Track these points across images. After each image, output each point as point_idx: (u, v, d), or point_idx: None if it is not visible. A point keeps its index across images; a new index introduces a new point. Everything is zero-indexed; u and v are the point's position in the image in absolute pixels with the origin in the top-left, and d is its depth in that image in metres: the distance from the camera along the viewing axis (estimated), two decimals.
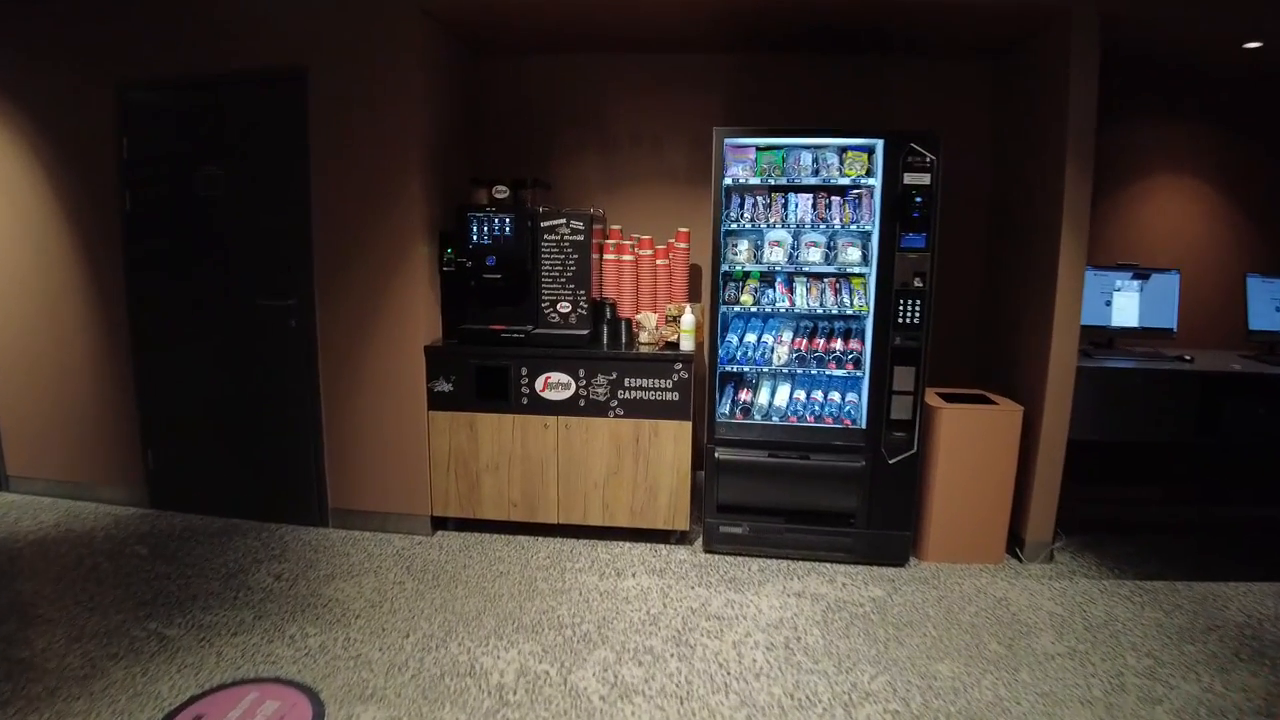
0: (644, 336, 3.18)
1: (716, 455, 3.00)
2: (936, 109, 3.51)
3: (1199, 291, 3.67)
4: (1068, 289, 2.98)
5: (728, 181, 2.96)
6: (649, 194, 3.60)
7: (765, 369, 3.08)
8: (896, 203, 2.86)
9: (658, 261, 3.31)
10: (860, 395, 3.12)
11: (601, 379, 3.01)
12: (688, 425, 3.03)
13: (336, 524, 3.33)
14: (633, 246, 3.29)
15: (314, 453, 3.27)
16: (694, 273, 3.53)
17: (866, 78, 3.50)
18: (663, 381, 3.00)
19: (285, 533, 3.30)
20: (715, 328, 2.98)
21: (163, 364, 3.43)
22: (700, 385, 3.11)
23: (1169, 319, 3.48)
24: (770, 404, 3.15)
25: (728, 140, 2.90)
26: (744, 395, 3.16)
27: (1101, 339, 3.43)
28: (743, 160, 3.01)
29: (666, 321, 3.17)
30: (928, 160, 2.83)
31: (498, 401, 3.07)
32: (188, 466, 3.48)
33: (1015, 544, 3.19)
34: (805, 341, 3.11)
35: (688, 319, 3.03)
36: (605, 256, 3.28)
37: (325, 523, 3.34)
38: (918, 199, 2.84)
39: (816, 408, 3.11)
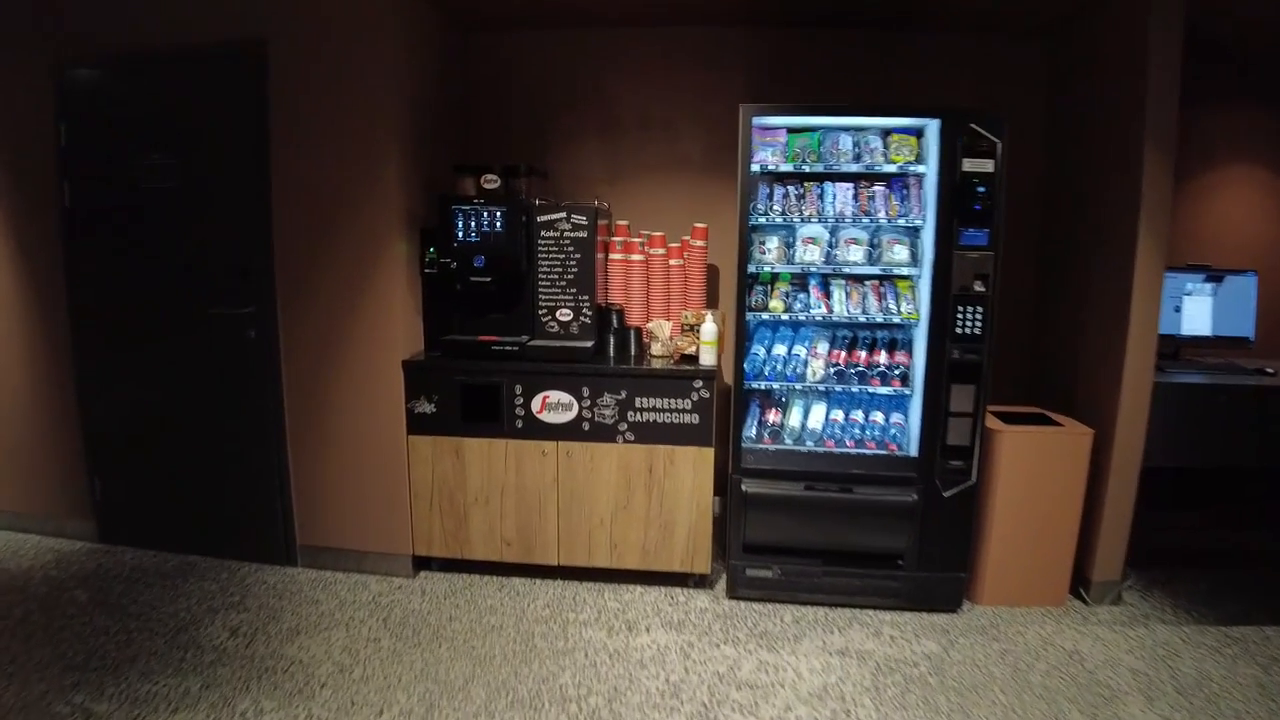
0: (656, 348, 2.76)
1: (744, 488, 2.59)
2: (981, 92, 3.08)
3: None
4: (1144, 294, 2.56)
5: (755, 168, 2.54)
6: (659, 185, 3.18)
7: (797, 386, 2.67)
8: (954, 193, 2.44)
9: (671, 262, 2.89)
10: (907, 416, 2.71)
11: (608, 398, 2.60)
12: (709, 452, 2.61)
13: (306, 563, 2.92)
14: (642, 245, 2.87)
15: (279, 482, 2.85)
16: (711, 274, 3.11)
17: (904, 57, 3.08)
18: (680, 401, 2.59)
19: (247, 574, 2.88)
20: (741, 338, 2.56)
21: (109, 381, 3.01)
22: (723, 405, 2.70)
23: (1245, 327, 3.08)
24: (803, 426, 2.74)
25: (756, 119, 2.48)
26: (772, 416, 2.74)
27: (1167, 349, 3.02)
28: (772, 144, 2.59)
29: (682, 331, 2.76)
30: (991, 143, 2.41)
31: (488, 425, 2.66)
32: (139, 496, 3.06)
33: (1079, 583, 2.78)
34: (844, 354, 2.69)
35: (709, 328, 2.61)
36: (611, 256, 2.87)
37: (293, 561, 2.92)
38: (980, 189, 2.42)
39: (857, 431, 2.70)
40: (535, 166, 2.74)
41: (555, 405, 2.62)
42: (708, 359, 2.61)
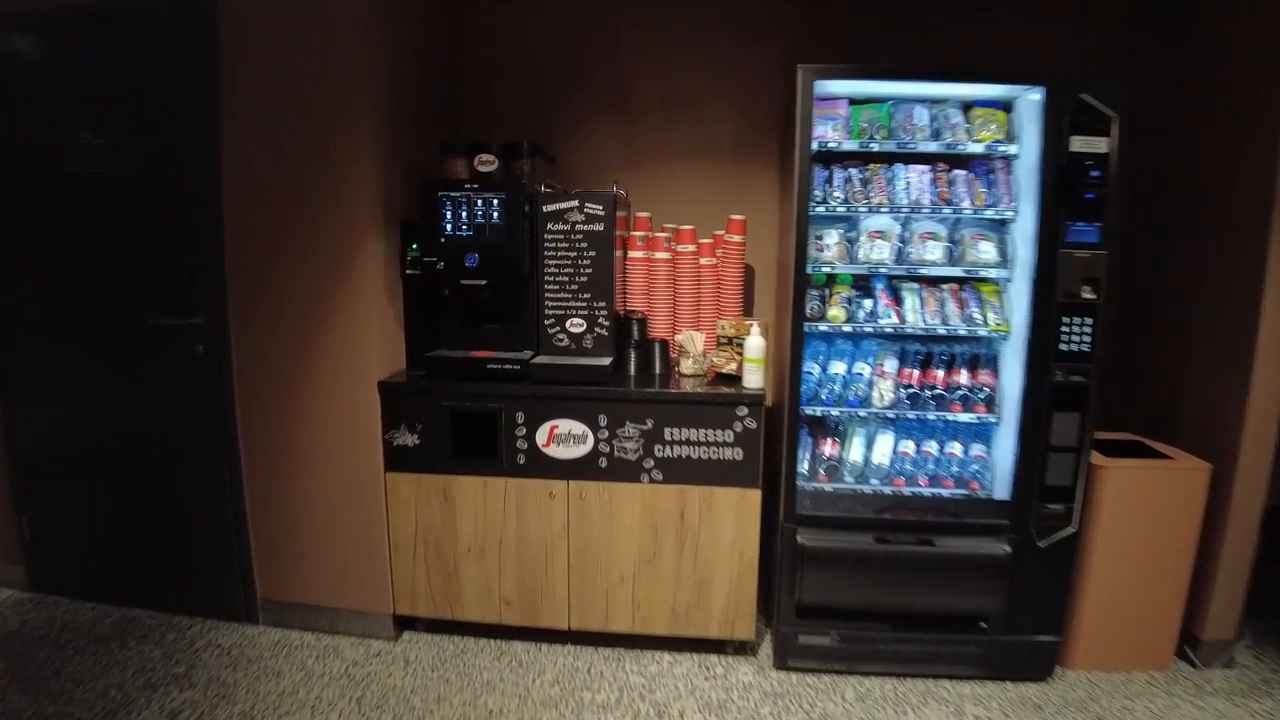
0: (687, 366, 2.29)
1: (800, 540, 2.12)
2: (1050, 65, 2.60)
3: None
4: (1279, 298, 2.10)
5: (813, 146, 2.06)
6: (685, 172, 2.70)
7: (860, 412, 2.21)
8: (1061, 179, 1.97)
9: (702, 261, 2.42)
10: (990, 447, 2.24)
11: (631, 429, 2.13)
12: (754, 495, 2.14)
13: (269, 620, 2.45)
14: (668, 240, 2.40)
15: (234, 525, 2.38)
16: (747, 276, 2.63)
17: (969, 22, 2.59)
18: (720, 433, 2.12)
19: (198, 634, 2.41)
20: (798, 355, 2.09)
21: (36, 405, 2.53)
22: (773, 437, 2.22)
23: None
24: (866, 461, 2.27)
25: (817, 85, 2.00)
26: (828, 448, 2.27)
27: None
28: (831, 117, 2.12)
29: (718, 345, 2.29)
30: (1106, 118, 1.94)
31: (483, 460, 2.19)
32: (74, 538, 2.59)
33: (1186, 642, 2.32)
34: (917, 373, 2.23)
35: (754, 343, 2.14)
36: (630, 254, 2.39)
37: (253, 618, 2.46)
38: (1093, 173, 1.95)
39: (932, 466, 2.24)
40: (541, 146, 2.26)
41: (566, 437, 2.15)
42: (753, 380, 2.14)
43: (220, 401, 2.31)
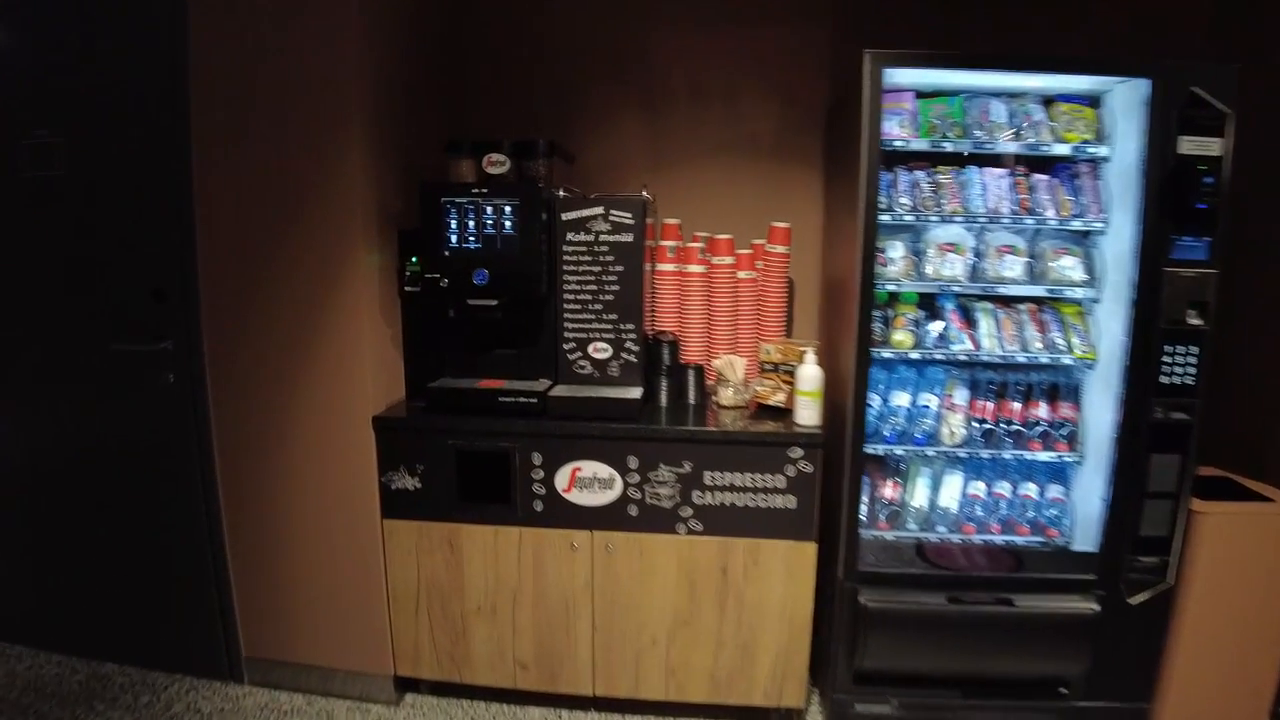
0: (726, 396, 2.02)
1: (862, 601, 1.85)
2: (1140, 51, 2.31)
3: None
4: None
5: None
6: (716, 173, 2.41)
7: (927, 450, 1.94)
8: (1166, 185, 1.69)
9: (740, 274, 2.14)
10: (1069, 489, 1.98)
11: (666, 473, 1.85)
12: (808, 549, 1.87)
13: (255, 679, 2.18)
14: (702, 251, 2.12)
15: (214, 574, 2.11)
16: (789, 292, 2.35)
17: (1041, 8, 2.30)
18: (770, 477, 1.84)
19: (176, 695, 2.14)
20: (863, 386, 1.81)
21: None
22: (828, 480, 1.94)
23: None
24: (932, 505, 2.01)
25: (887, 73, 1.72)
26: (888, 491, 2.01)
27: None
28: (896, 112, 1.83)
29: (761, 372, 2.01)
30: (1219, 115, 1.67)
31: (494, 507, 1.91)
32: (38, 585, 2.32)
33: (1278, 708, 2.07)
34: (990, 405, 1.96)
35: (810, 372, 1.86)
36: (659, 267, 2.11)
37: (238, 677, 2.18)
38: (1206, 180, 1.68)
39: (1005, 510, 1.97)
40: (559, 144, 1.97)
41: (590, 481, 1.87)
42: (808, 415, 1.86)
43: (195, 437, 2.03)
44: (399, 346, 2.04)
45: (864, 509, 1.97)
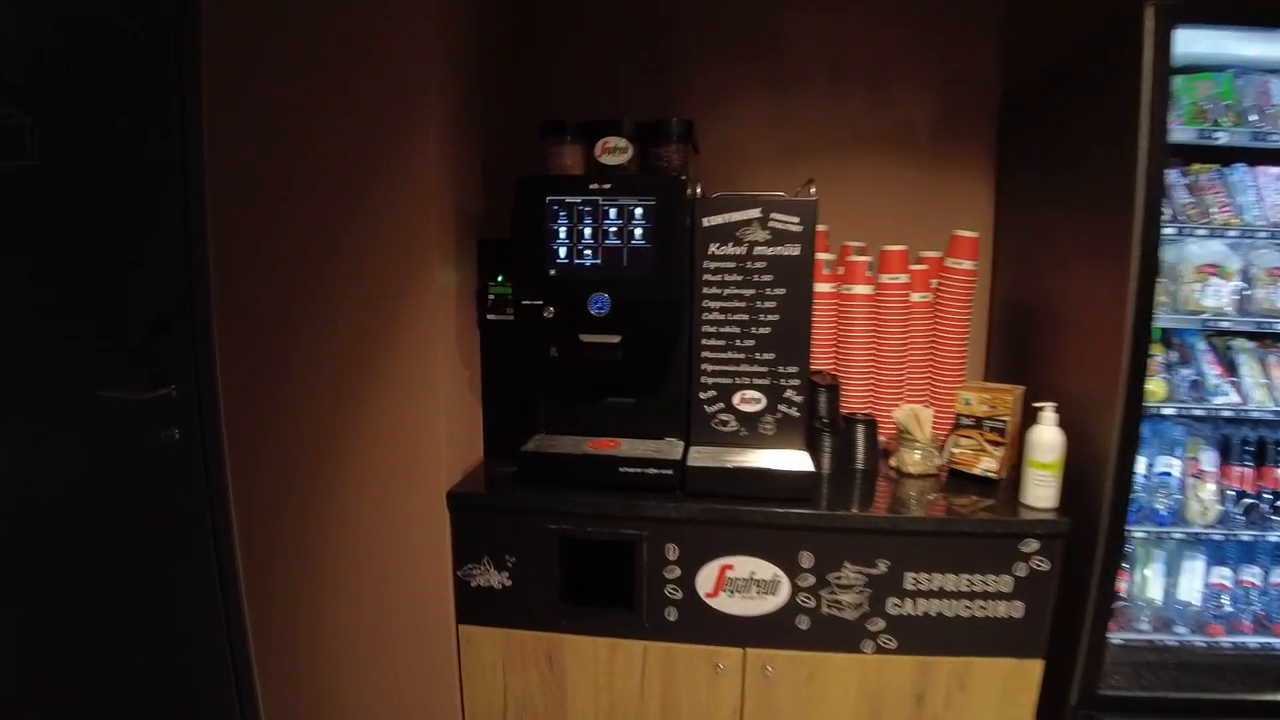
0: (911, 461, 1.51)
1: None
2: None
3: None
4: None
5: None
6: (859, 169, 1.92)
7: (1174, 531, 1.44)
8: None
9: (914, 297, 1.64)
10: None
11: (853, 573, 1.35)
12: (1034, 667, 1.36)
13: None
14: (870, 269, 1.63)
15: (235, 690, 1.60)
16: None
17: None
18: (993, 578, 1.34)
19: None
20: (1130, 453, 1.30)
21: None
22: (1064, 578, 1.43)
23: None
24: (1168, 598, 1.50)
25: (1182, 34, 1.22)
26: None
27: None
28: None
29: (958, 429, 1.51)
30: None
31: (611, 613, 1.41)
32: (11, 707, 1.82)
33: None
34: (1249, 472, 1.45)
35: (1046, 436, 1.35)
36: (816, 288, 1.61)
37: None
38: None
39: (1256, 603, 1.47)
40: (690, 125, 1.47)
41: (745, 584, 1.37)
42: (1043, 493, 1.35)
43: (207, 512, 1.53)
44: (478, 394, 1.55)
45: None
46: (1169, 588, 1.53)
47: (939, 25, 1.87)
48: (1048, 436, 1.35)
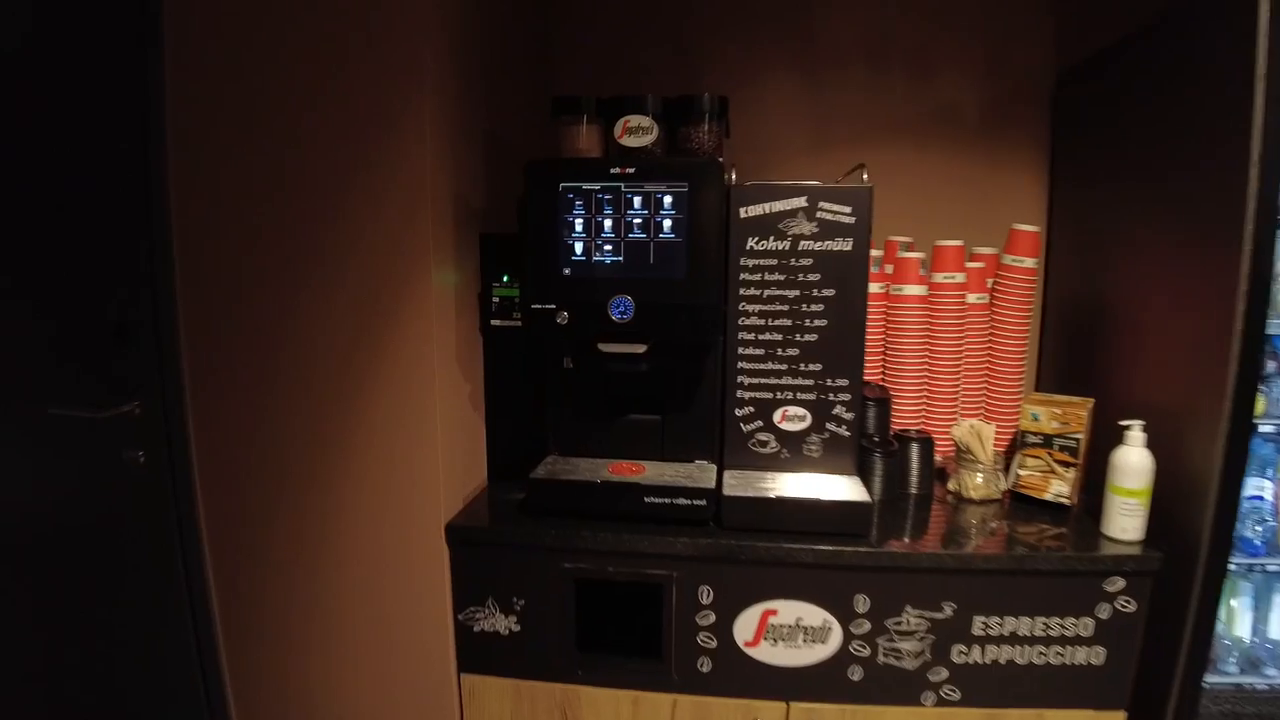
0: (973, 485, 1.34)
1: None
2: None
3: None
4: None
5: None
6: (900, 157, 1.74)
7: (1265, 561, 1.27)
8: None
9: (970, 298, 1.47)
10: None
11: (914, 618, 1.17)
12: (1117, 719, 1.20)
13: None
14: (924, 267, 1.45)
15: None
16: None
17: None
18: (1072, 621, 1.16)
19: None
20: (1237, 478, 1.12)
21: None
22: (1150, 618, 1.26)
23: None
24: (1257, 636, 1.33)
25: None
26: None
27: None
28: None
29: (1024, 447, 1.34)
30: None
31: (634, 663, 1.23)
32: None
33: None
34: None
35: (1135, 459, 1.17)
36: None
37: None
38: None
39: None
40: (727, 106, 1.29)
41: (790, 631, 1.19)
42: (1129, 524, 1.17)
43: (177, 545, 1.36)
44: (480, 410, 1.37)
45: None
46: (1257, 624, 1.37)
47: (978, 13, 1.69)
48: (1135, 459, 1.18)
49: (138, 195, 1.26)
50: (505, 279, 1.31)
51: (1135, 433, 1.19)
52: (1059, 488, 1.30)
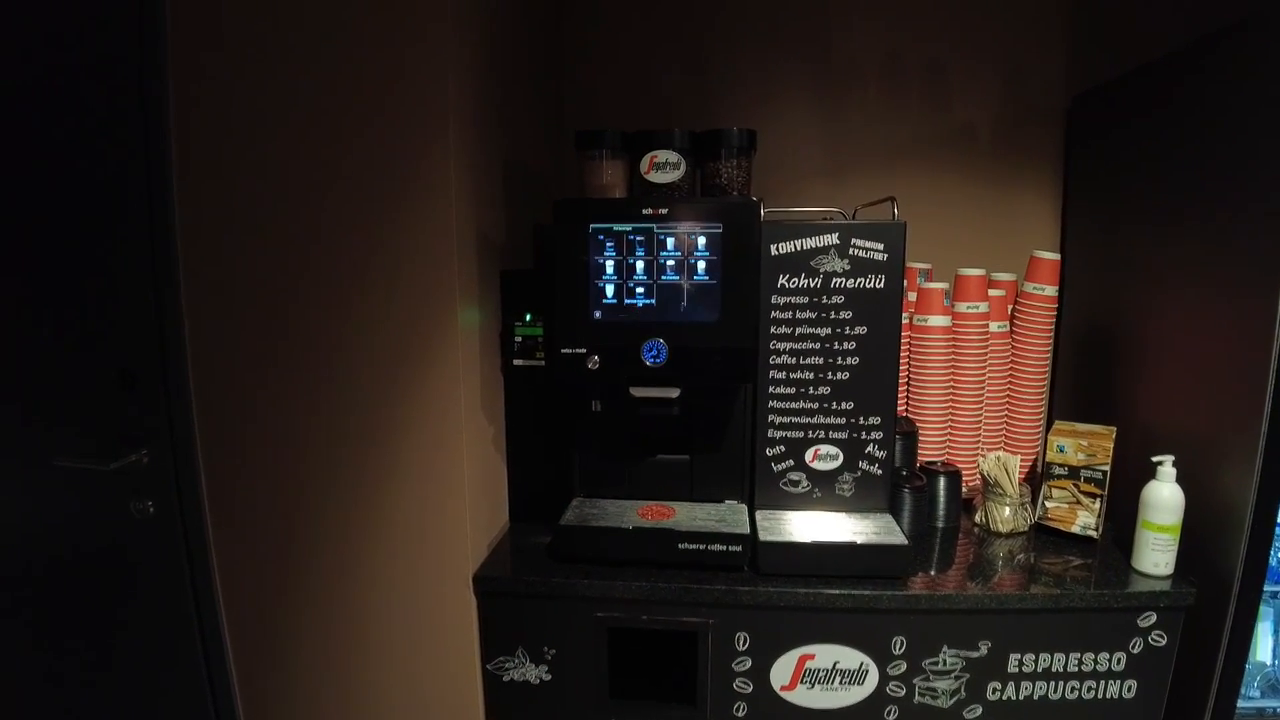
0: (1001, 518, 1.34)
1: None
2: None
3: None
4: None
5: None
6: (914, 179, 1.73)
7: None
8: None
9: (992, 326, 1.46)
10: None
11: (951, 658, 1.17)
12: None
13: None
14: (947, 297, 1.44)
15: None
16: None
17: None
18: (1104, 657, 1.17)
19: None
20: (1271, 506, 1.13)
21: None
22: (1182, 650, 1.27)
23: None
24: (1278, 664, 1.35)
25: None
26: None
27: None
28: None
29: (1050, 479, 1.34)
30: None
31: (669, 710, 1.21)
32: None
33: None
34: None
35: (1166, 494, 1.18)
36: None
37: None
38: None
39: None
40: (755, 140, 1.26)
41: (827, 675, 1.18)
42: (1160, 559, 1.18)
43: (190, 599, 1.31)
44: (502, 451, 1.34)
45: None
46: (1278, 648, 1.38)
47: (1009, 16, 1.68)
48: (1168, 494, 1.18)
49: (149, 232, 1.21)
50: (528, 318, 1.27)
51: (1167, 468, 1.19)
52: (1085, 519, 1.30)
